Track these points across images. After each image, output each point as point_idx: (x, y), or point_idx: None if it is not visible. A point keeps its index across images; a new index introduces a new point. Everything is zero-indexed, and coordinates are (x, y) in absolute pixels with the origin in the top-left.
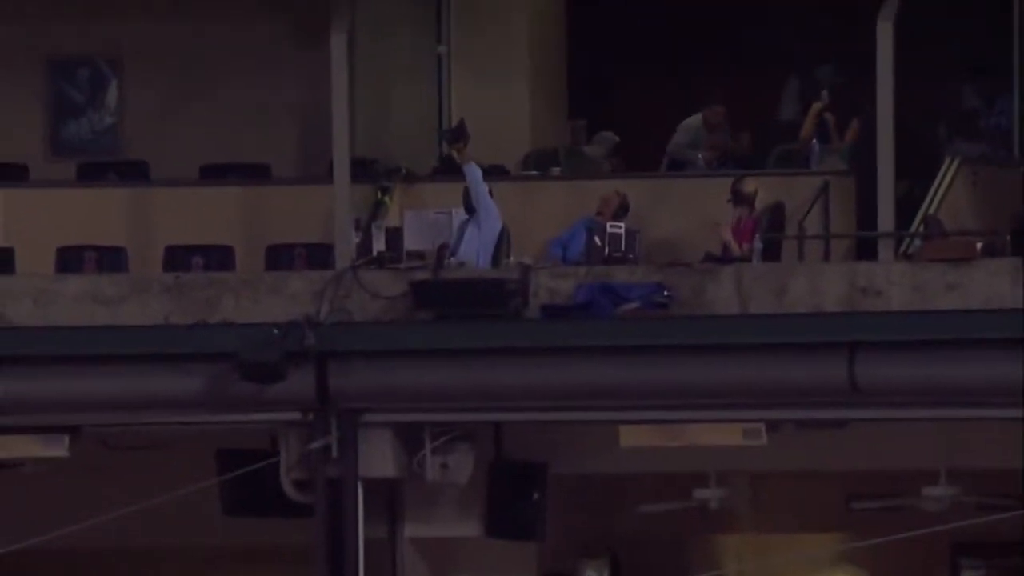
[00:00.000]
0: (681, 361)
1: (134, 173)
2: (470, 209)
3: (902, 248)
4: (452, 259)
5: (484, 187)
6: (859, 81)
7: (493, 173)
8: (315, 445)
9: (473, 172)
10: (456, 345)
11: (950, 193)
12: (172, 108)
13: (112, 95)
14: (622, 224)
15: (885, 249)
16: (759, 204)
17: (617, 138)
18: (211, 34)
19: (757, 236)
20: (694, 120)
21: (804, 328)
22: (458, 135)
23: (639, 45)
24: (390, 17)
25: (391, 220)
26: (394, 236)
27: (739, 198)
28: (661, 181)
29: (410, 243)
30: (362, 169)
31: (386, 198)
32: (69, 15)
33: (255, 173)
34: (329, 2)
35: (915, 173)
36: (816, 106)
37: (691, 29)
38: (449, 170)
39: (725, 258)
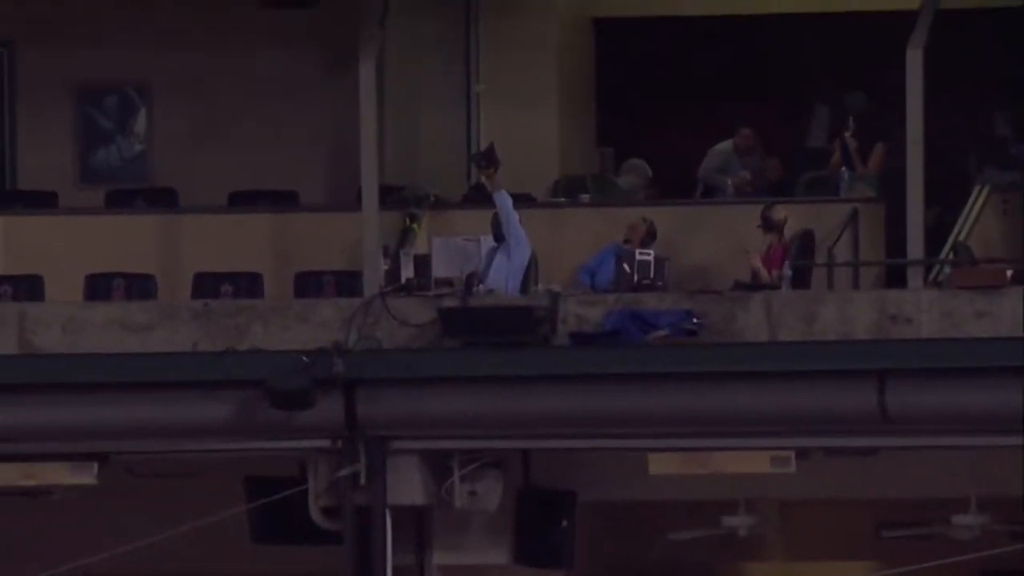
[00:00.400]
0: (710, 388)
1: (163, 200)
2: (499, 237)
3: (932, 276)
4: (480, 286)
5: (514, 215)
6: (888, 108)
7: (521, 201)
8: (343, 473)
9: (503, 200)
10: (484, 372)
11: (980, 221)
12: (200, 135)
13: (141, 122)
14: (651, 251)
15: (915, 277)
16: (788, 231)
17: (650, 171)
18: (239, 61)
19: (787, 263)
20: (724, 145)
21: (834, 356)
22: (489, 160)
23: (667, 73)
24: (419, 45)
25: (419, 247)
26: (422, 263)
27: (769, 225)
28: (690, 208)
29: (438, 270)
30: (390, 196)
31: (414, 225)
32: (98, 43)
33: (283, 200)
34: (358, 30)
35: (945, 200)
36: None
37: (718, 57)
38: (477, 197)
39: (755, 285)
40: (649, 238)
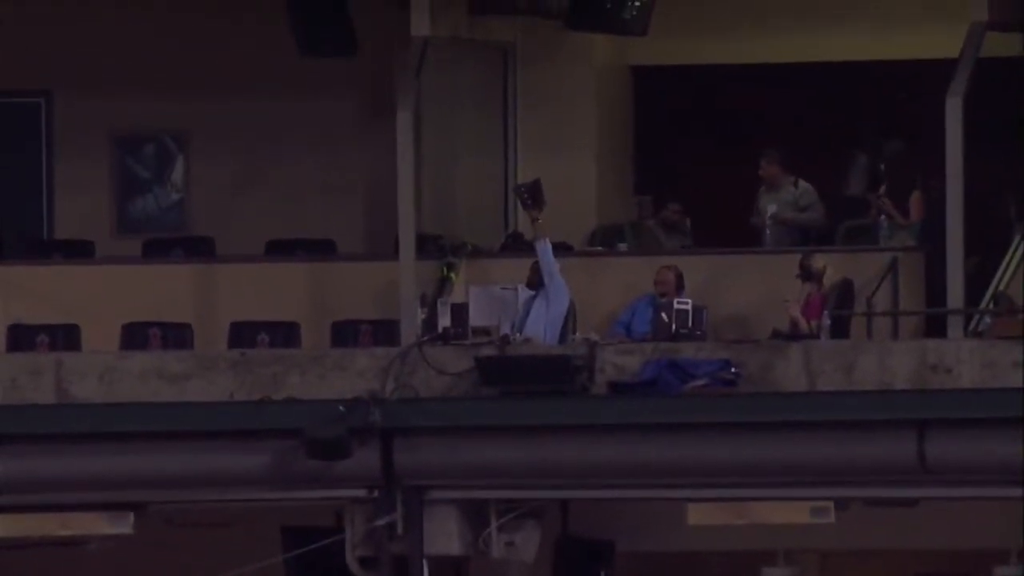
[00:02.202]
0: (749, 438)
1: (200, 249)
2: (534, 283)
3: (972, 325)
4: (518, 335)
5: (555, 264)
6: (927, 156)
7: (559, 250)
8: (380, 522)
9: (545, 249)
10: (522, 422)
11: (1021, 269)
12: (238, 184)
13: (178, 171)
14: (689, 300)
15: (955, 326)
16: (827, 280)
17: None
18: (277, 109)
19: (826, 313)
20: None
21: (873, 406)
22: (534, 196)
23: (705, 120)
24: (456, 94)
25: (456, 296)
26: (459, 312)
27: (808, 274)
28: (727, 257)
29: (475, 319)
30: (427, 245)
31: (451, 274)
32: (135, 90)
33: (321, 249)
34: (395, 78)
35: (985, 249)
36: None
37: (756, 104)
38: (515, 246)
39: (793, 335)
40: (681, 285)
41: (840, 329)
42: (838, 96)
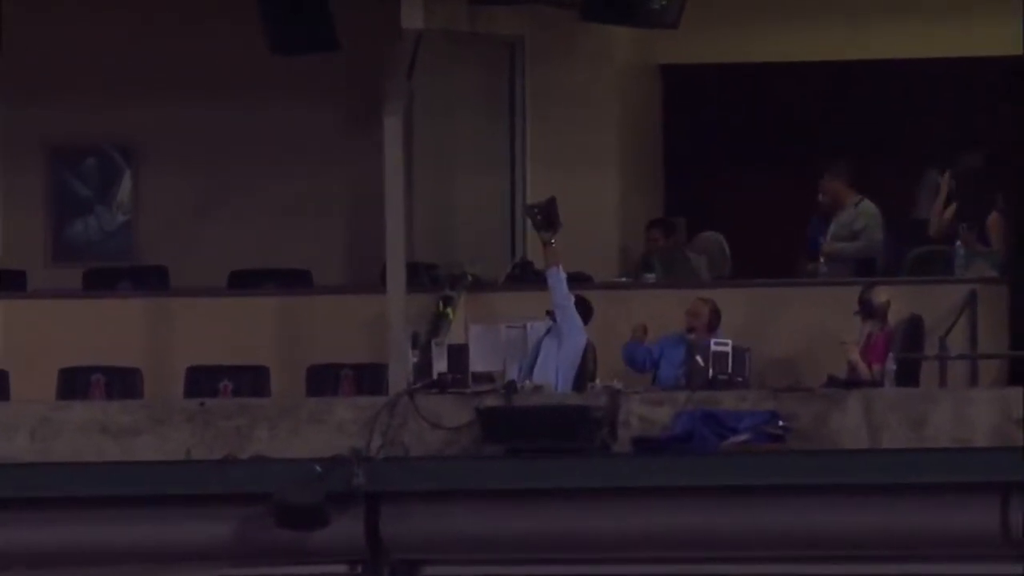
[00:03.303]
0: (801, 504)
1: (151, 280)
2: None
3: None
4: (527, 382)
5: (570, 297)
6: (1003, 169)
7: (577, 280)
8: None
9: (558, 280)
10: (531, 485)
11: None
12: (196, 204)
13: (125, 189)
14: (728, 341)
15: None
16: (892, 317)
17: (727, 246)
18: (242, 117)
19: (890, 355)
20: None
21: (947, 466)
22: (548, 217)
23: (748, 129)
24: (455, 97)
25: (454, 336)
26: (458, 355)
27: (868, 310)
28: (774, 290)
29: (477, 363)
30: (420, 275)
31: (448, 310)
32: (75, 95)
33: (294, 280)
34: (382, 79)
35: None
36: (943, 199)
37: (808, 109)
38: (524, 276)
39: (852, 381)
40: (715, 322)
41: (908, 375)
42: (908, 100)
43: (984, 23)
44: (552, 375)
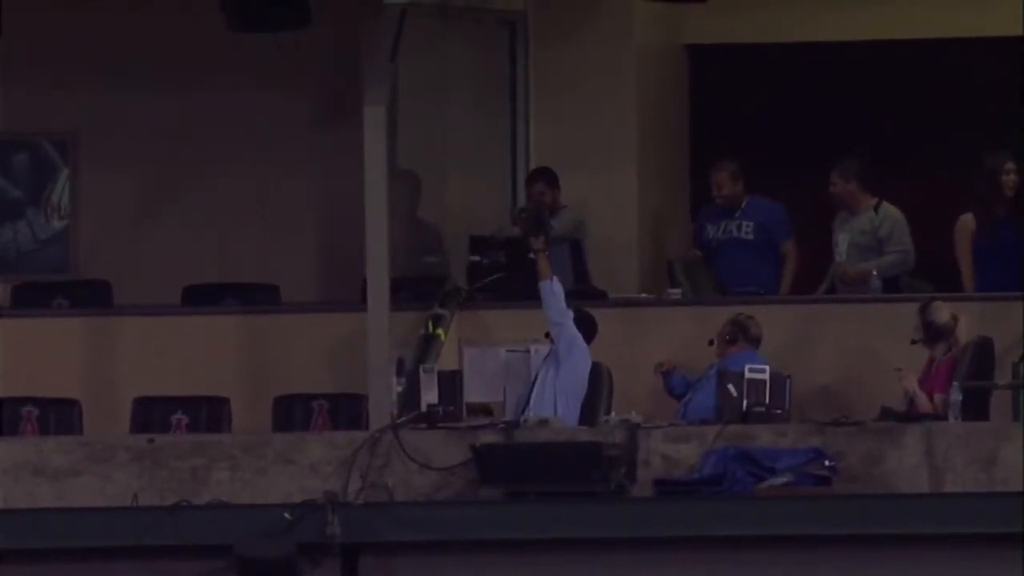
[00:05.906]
0: (850, 555)
1: (92, 297)
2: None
3: None
4: (529, 414)
5: (568, 313)
6: None
7: (587, 299)
8: None
9: (551, 292)
10: (535, 535)
11: None
12: (146, 208)
13: (62, 189)
14: (766, 367)
15: None
16: (957, 339)
17: None
18: (198, 105)
19: (955, 384)
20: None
21: (1021, 512)
22: (536, 223)
23: (787, 118)
24: (445, 83)
25: (446, 361)
26: (450, 382)
27: (933, 332)
28: (815, 307)
29: (472, 393)
30: (406, 291)
31: (439, 330)
32: (2, 81)
33: (258, 296)
34: (361, 60)
35: None
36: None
37: (854, 95)
38: (527, 290)
39: (910, 414)
40: (738, 336)
41: (976, 406)
42: (969, 78)
43: None
44: (550, 407)
